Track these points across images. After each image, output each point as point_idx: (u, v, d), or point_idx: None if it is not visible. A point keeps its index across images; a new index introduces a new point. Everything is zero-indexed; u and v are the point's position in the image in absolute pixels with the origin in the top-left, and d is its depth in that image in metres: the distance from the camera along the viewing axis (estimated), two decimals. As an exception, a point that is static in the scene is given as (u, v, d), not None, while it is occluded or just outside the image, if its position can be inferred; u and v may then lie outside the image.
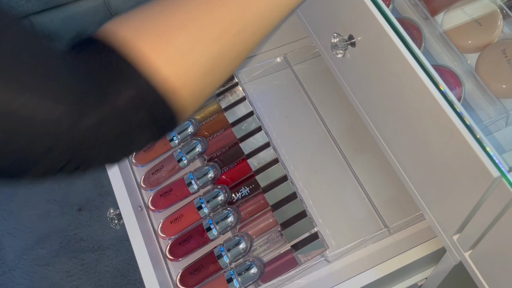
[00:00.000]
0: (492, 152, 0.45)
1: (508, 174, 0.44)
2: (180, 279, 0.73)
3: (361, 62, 0.59)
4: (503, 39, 0.60)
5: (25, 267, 1.37)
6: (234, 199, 0.78)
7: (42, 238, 1.40)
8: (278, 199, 0.76)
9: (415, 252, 0.68)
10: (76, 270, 1.36)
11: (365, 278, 0.67)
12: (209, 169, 0.78)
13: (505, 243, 0.48)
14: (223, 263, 0.72)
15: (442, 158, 0.50)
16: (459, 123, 0.46)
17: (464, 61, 0.59)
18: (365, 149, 0.83)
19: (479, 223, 0.50)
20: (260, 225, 0.76)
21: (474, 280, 0.56)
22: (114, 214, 0.77)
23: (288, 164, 0.83)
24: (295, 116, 0.88)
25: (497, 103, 0.56)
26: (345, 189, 0.81)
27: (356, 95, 0.64)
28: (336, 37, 0.60)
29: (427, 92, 0.48)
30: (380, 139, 0.62)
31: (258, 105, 0.90)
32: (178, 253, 0.75)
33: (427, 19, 0.62)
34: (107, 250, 1.38)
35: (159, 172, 0.80)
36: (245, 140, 0.80)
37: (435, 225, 0.58)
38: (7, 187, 1.48)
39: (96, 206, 1.45)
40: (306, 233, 0.74)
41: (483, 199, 0.47)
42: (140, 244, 0.70)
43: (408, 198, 0.65)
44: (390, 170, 0.77)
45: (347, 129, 0.86)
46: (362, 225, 0.77)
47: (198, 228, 0.75)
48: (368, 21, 0.54)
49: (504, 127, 0.55)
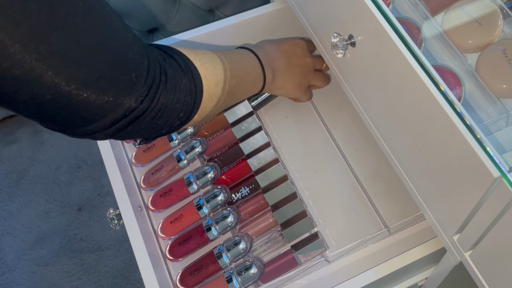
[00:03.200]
0: (493, 152, 0.45)
1: (509, 174, 0.44)
2: (180, 279, 0.73)
3: (361, 62, 0.59)
4: (504, 39, 0.60)
5: (25, 267, 1.37)
6: (234, 199, 0.78)
7: (42, 238, 1.40)
8: (278, 199, 0.76)
9: (415, 252, 0.68)
10: (76, 270, 1.36)
11: (365, 278, 0.67)
12: (209, 169, 0.78)
13: (505, 243, 0.48)
14: (223, 263, 0.72)
15: (442, 158, 0.50)
16: (459, 123, 0.46)
17: (464, 61, 0.59)
18: (365, 149, 0.83)
19: (479, 223, 0.50)
20: (260, 225, 0.76)
21: (475, 280, 0.55)
22: (114, 214, 0.77)
23: (288, 164, 0.83)
24: (295, 116, 0.88)
25: (498, 103, 0.56)
26: (345, 189, 0.81)
27: (356, 95, 0.64)
28: (336, 37, 0.60)
29: (427, 92, 0.48)
30: (380, 139, 0.62)
31: (258, 105, 0.90)
32: (178, 253, 0.75)
33: (427, 19, 0.62)
34: (107, 250, 1.38)
35: (159, 172, 0.80)
36: (245, 140, 0.79)
37: (435, 225, 0.58)
38: (7, 188, 1.48)
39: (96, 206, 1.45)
40: (306, 233, 0.74)
41: (483, 199, 0.47)
42: (140, 244, 0.70)
43: (408, 198, 0.65)
44: (390, 170, 0.77)
45: (347, 129, 0.86)
46: (362, 225, 0.77)
47: (198, 228, 0.75)
48: (368, 21, 0.54)
49: (504, 127, 0.55)
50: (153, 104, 0.51)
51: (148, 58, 0.50)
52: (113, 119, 0.49)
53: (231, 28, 0.85)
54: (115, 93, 0.47)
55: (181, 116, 0.56)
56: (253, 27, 0.87)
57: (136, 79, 0.48)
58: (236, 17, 0.85)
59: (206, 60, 0.60)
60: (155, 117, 0.52)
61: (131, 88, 0.48)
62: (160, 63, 0.52)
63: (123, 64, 0.47)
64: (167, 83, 0.52)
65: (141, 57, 0.49)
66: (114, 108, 0.48)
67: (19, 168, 1.51)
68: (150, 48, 0.53)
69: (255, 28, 0.87)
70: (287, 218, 0.75)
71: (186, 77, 0.56)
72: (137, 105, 0.49)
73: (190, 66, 0.57)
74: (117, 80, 0.47)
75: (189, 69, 0.57)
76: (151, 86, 0.50)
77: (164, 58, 0.54)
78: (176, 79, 0.54)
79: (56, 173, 1.49)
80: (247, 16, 0.85)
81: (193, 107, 0.58)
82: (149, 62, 0.50)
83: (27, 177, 1.50)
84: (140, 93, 0.49)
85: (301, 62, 0.81)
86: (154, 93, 0.50)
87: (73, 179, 1.49)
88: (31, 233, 1.41)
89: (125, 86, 0.47)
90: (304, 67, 0.81)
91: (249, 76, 0.70)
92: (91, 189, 1.47)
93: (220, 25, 0.84)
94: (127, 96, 0.48)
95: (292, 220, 0.74)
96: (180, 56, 0.57)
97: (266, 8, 0.86)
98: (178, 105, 0.55)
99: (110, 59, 0.46)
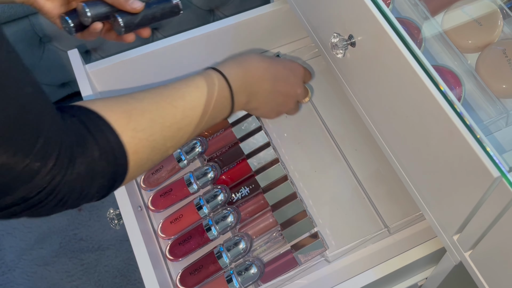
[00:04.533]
0: (492, 152, 0.45)
1: (508, 174, 0.44)
2: (180, 279, 0.73)
3: (361, 62, 0.59)
4: (503, 39, 0.60)
5: (25, 267, 1.37)
6: (234, 199, 0.78)
7: (41, 238, 1.40)
8: (278, 199, 0.76)
9: (415, 252, 0.68)
10: (76, 270, 1.36)
11: (365, 278, 0.67)
12: (209, 169, 0.78)
13: (505, 243, 0.48)
14: (223, 263, 0.72)
15: (442, 158, 0.50)
16: (459, 123, 0.46)
17: (464, 61, 0.59)
18: (365, 149, 0.83)
19: (479, 223, 0.50)
20: (260, 225, 0.76)
21: (474, 280, 0.56)
22: (114, 214, 0.77)
23: (288, 164, 0.83)
24: (295, 116, 0.88)
25: (497, 103, 0.56)
26: (345, 189, 0.81)
27: (356, 95, 0.64)
28: (336, 37, 0.60)
29: (427, 92, 0.48)
30: (380, 139, 0.62)
31: (258, 105, 0.90)
32: (178, 253, 0.75)
33: (427, 19, 0.62)
34: (107, 250, 1.38)
35: (159, 172, 0.80)
36: (245, 140, 0.80)
37: (435, 225, 0.58)
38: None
39: (96, 206, 1.44)
40: (306, 233, 0.74)
41: (483, 199, 0.47)
42: (140, 244, 0.70)
43: (408, 198, 0.65)
44: (390, 170, 0.77)
45: (347, 129, 0.86)
46: (362, 225, 0.77)
47: (198, 228, 0.75)
48: (368, 21, 0.54)
49: (504, 127, 0.55)
50: (52, 195, 0.46)
51: (60, 146, 0.45)
52: (2, 204, 0.44)
53: (231, 28, 0.85)
54: (12, 178, 0.42)
55: (97, 195, 0.51)
56: (253, 27, 0.87)
57: (37, 171, 0.43)
58: (236, 17, 0.85)
59: (143, 126, 0.54)
60: (57, 205, 0.47)
61: (30, 178, 0.43)
62: (72, 149, 0.47)
63: (26, 151, 0.42)
64: (73, 174, 0.47)
65: (51, 147, 0.44)
66: (3, 195, 0.43)
67: (19, 168, 1.51)
68: (67, 130, 0.47)
69: (255, 28, 0.87)
70: (287, 218, 0.75)
71: (104, 160, 0.49)
72: (32, 195, 0.44)
73: (113, 146, 0.50)
74: (14, 165, 0.42)
75: (111, 150, 0.50)
76: (54, 177, 0.45)
77: (79, 142, 0.48)
78: (89, 166, 0.48)
79: (56, 173, 1.49)
80: (247, 16, 0.85)
81: (113, 185, 0.52)
82: (59, 151, 0.45)
83: (27, 177, 1.50)
84: (40, 184, 0.44)
85: (289, 91, 0.74)
86: (55, 184, 0.45)
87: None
88: (31, 233, 1.41)
89: (24, 175, 0.43)
90: (289, 97, 0.75)
91: (207, 114, 0.63)
92: (91, 189, 1.47)
93: (220, 25, 0.84)
94: (24, 185, 0.43)
95: (292, 220, 0.74)
96: (104, 132, 0.50)
97: (266, 8, 0.86)
98: (91, 189, 0.50)
99: (8, 141, 0.41)
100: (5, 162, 0.41)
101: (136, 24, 0.63)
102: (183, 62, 0.86)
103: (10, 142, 0.41)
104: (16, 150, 0.41)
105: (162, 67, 0.86)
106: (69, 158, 0.46)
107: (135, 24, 0.63)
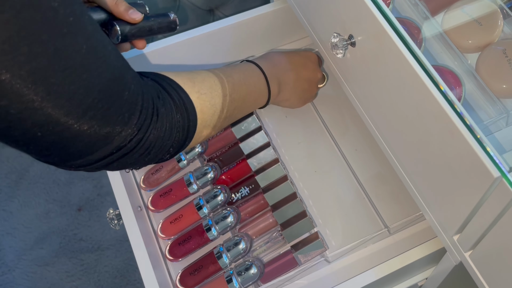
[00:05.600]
0: (493, 152, 0.45)
1: (509, 174, 0.44)
2: (179, 279, 0.73)
3: (361, 62, 0.59)
4: (504, 39, 0.60)
5: (25, 268, 1.37)
6: (234, 199, 0.78)
7: (41, 238, 1.40)
8: (278, 199, 0.76)
9: (415, 253, 0.68)
10: (76, 271, 1.36)
11: (365, 278, 0.67)
12: (209, 169, 0.78)
13: (505, 243, 0.48)
14: (223, 264, 0.72)
15: (442, 158, 0.50)
16: (459, 123, 0.46)
17: (464, 61, 0.59)
18: (365, 149, 0.83)
19: (479, 223, 0.50)
20: (260, 225, 0.76)
21: (475, 280, 0.55)
22: (114, 214, 0.77)
23: (288, 164, 0.83)
24: (295, 116, 0.88)
25: (498, 103, 0.56)
26: (345, 189, 0.81)
27: (356, 95, 0.64)
28: (336, 37, 0.60)
29: (427, 92, 0.48)
30: (380, 139, 0.62)
31: (258, 105, 0.90)
32: (178, 253, 0.75)
33: (427, 19, 0.62)
34: (106, 250, 1.38)
35: (159, 172, 0.80)
36: (245, 140, 0.79)
37: (435, 225, 0.58)
38: (7, 187, 1.48)
39: (95, 206, 1.45)
40: (306, 233, 0.74)
41: (483, 199, 0.47)
42: (139, 244, 0.70)
43: (408, 198, 0.65)
44: (390, 170, 0.77)
45: (347, 129, 0.86)
46: (362, 225, 0.77)
47: (197, 228, 0.75)
48: (368, 21, 0.54)
49: (504, 127, 0.55)
50: (141, 143, 0.52)
51: (142, 97, 0.51)
52: (101, 156, 0.50)
53: (231, 28, 0.85)
54: (107, 132, 0.48)
55: (171, 151, 0.57)
56: (253, 27, 0.87)
57: (128, 119, 0.49)
58: (236, 17, 0.85)
59: (205, 90, 0.61)
60: (143, 154, 0.53)
61: (122, 127, 0.49)
62: (153, 101, 0.53)
63: (118, 104, 0.48)
64: (158, 122, 0.53)
65: (136, 98, 0.50)
66: (104, 146, 0.49)
67: (18, 168, 1.51)
68: (145, 84, 0.53)
69: (255, 28, 0.87)
70: (287, 218, 0.75)
71: (179, 113, 0.56)
72: (126, 143, 0.50)
73: (185, 101, 0.57)
74: (110, 119, 0.48)
75: (184, 105, 0.57)
76: (142, 125, 0.51)
77: (158, 95, 0.54)
78: (168, 117, 0.54)
79: (55, 173, 1.49)
80: (247, 16, 0.85)
81: (185, 141, 0.58)
82: (143, 102, 0.51)
83: (27, 177, 1.50)
84: (130, 132, 0.50)
85: (310, 76, 0.81)
86: (143, 132, 0.51)
87: (73, 179, 1.48)
88: (31, 233, 1.41)
89: (117, 125, 0.49)
90: (312, 82, 0.82)
91: (251, 95, 0.71)
92: (91, 189, 1.47)
93: (220, 25, 0.84)
94: (118, 135, 0.49)
95: (292, 220, 0.74)
96: (176, 90, 0.57)
97: (266, 8, 0.86)
98: (169, 141, 0.55)
99: (105, 99, 0.47)
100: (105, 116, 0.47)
101: (133, 34, 0.64)
102: (183, 62, 0.86)
103: (110, 99, 0.47)
104: (109, 105, 0.47)
105: (162, 67, 0.86)
106: (152, 109, 0.52)
107: (131, 34, 0.64)
